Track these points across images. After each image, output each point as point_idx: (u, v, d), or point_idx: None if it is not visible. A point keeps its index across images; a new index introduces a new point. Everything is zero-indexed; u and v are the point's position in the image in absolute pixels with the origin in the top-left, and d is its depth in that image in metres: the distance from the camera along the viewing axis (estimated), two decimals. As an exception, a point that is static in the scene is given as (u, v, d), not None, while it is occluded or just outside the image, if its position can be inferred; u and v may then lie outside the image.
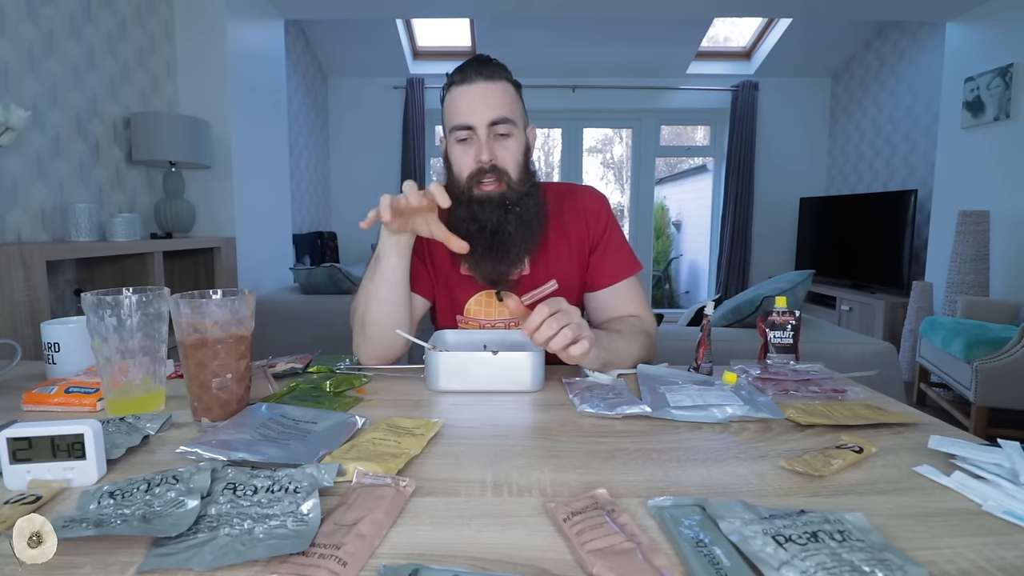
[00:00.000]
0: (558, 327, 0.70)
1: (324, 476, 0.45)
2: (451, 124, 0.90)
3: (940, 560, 0.37)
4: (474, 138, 0.88)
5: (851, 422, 0.61)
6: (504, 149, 0.89)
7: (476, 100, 0.88)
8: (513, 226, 0.89)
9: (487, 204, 0.88)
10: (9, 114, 1.46)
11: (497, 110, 0.88)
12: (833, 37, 4.15)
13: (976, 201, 3.03)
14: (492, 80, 0.88)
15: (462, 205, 0.89)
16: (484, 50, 4.31)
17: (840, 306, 3.79)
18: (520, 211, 0.90)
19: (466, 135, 0.89)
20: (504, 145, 0.89)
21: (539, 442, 0.58)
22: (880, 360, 1.62)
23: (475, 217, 0.89)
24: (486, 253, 0.89)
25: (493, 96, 0.88)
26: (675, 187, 6.99)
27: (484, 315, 0.98)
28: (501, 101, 0.88)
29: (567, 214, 1.00)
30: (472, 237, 0.87)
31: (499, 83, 0.89)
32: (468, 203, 0.89)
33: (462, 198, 0.90)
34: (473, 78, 0.88)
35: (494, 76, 0.89)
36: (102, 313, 0.62)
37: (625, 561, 0.35)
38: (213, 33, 2.55)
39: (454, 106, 0.89)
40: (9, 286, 1.35)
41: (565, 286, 0.97)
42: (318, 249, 3.98)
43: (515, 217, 0.89)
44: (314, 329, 2.34)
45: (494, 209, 0.88)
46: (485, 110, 0.87)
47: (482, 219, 0.88)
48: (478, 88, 0.88)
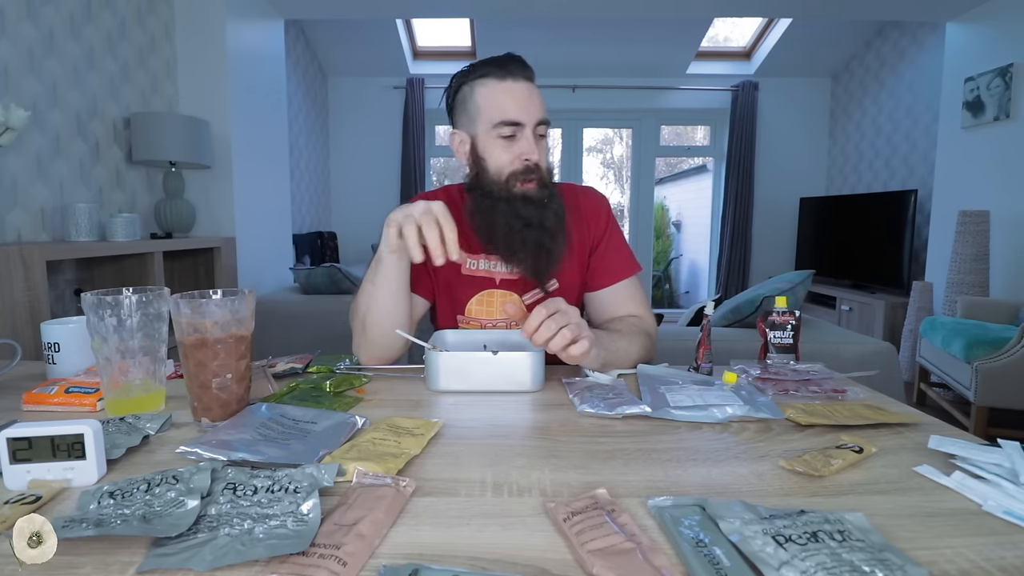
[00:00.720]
0: (557, 327, 0.70)
1: (324, 476, 0.45)
2: (497, 119, 0.88)
3: (940, 560, 0.37)
4: (520, 136, 0.89)
5: (851, 422, 0.61)
6: (543, 149, 0.91)
7: (524, 98, 0.88)
8: (552, 222, 0.90)
9: (531, 202, 0.89)
10: (9, 114, 1.46)
11: (541, 110, 0.90)
12: (833, 37, 4.15)
13: (976, 201, 3.03)
14: (533, 81, 0.91)
15: (502, 203, 0.89)
16: (484, 50, 4.32)
17: (840, 306, 3.79)
18: (556, 207, 0.92)
19: (512, 131, 0.88)
20: (542, 146, 0.91)
21: (539, 442, 0.58)
22: (880, 360, 1.62)
23: (519, 214, 0.89)
24: (536, 249, 0.89)
25: (537, 96, 0.90)
26: (675, 187, 7.00)
27: (486, 315, 0.98)
28: (542, 102, 0.90)
29: (568, 215, 0.99)
30: (516, 234, 0.88)
31: (534, 85, 0.91)
32: (509, 200, 0.89)
33: (500, 195, 0.90)
34: (519, 76, 0.89)
35: (532, 77, 0.91)
36: (102, 313, 0.62)
37: (625, 561, 0.35)
38: (213, 33, 2.55)
39: (498, 101, 0.88)
40: (9, 286, 1.35)
41: (565, 286, 0.97)
42: (318, 249, 3.98)
43: (553, 213, 0.91)
44: (314, 329, 2.34)
45: (538, 207, 0.89)
46: (534, 110, 0.88)
47: (527, 216, 0.89)
48: (525, 87, 0.89)
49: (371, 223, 4.70)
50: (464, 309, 0.99)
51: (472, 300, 0.98)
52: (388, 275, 0.86)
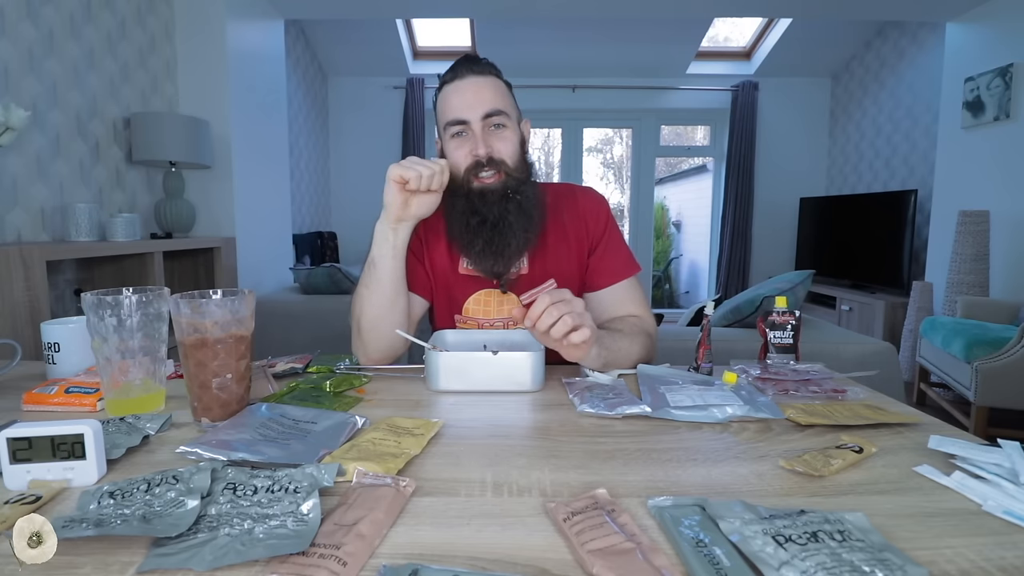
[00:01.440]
0: (559, 315, 0.70)
1: (324, 476, 0.45)
2: (444, 121, 0.90)
3: (940, 560, 0.37)
4: (468, 132, 0.89)
5: (851, 422, 0.61)
6: (500, 140, 0.90)
7: (468, 95, 0.88)
8: (514, 216, 0.89)
9: (487, 196, 0.89)
10: (9, 114, 1.46)
11: (490, 103, 0.88)
12: (833, 37, 4.15)
13: (976, 201, 3.03)
14: (482, 75, 0.90)
15: (461, 199, 0.90)
16: (484, 50, 4.32)
17: (840, 306, 3.79)
18: (521, 200, 0.90)
19: (460, 129, 0.89)
20: (500, 136, 0.90)
21: (539, 442, 0.58)
22: (880, 360, 1.62)
23: (475, 210, 0.89)
24: (487, 246, 0.89)
25: (485, 89, 0.89)
26: (675, 187, 6.99)
27: (483, 314, 0.97)
28: (493, 95, 0.89)
29: (566, 214, 0.99)
30: (473, 231, 0.88)
31: (489, 78, 0.91)
32: (467, 196, 0.90)
33: (460, 192, 0.90)
34: (464, 74, 0.89)
35: (484, 72, 0.90)
36: (102, 313, 0.62)
37: (625, 561, 0.35)
38: (213, 33, 2.55)
39: (447, 103, 0.90)
40: (9, 286, 1.35)
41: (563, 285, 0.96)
42: (318, 249, 3.98)
43: (516, 207, 0.89)
44: (314, 329, 2.34)
45: (495, 201, 0.88)
46: (478, 104, 0.88)
47: (483, 212, 0.88)
48: (469, 83, 0.89)
49: (371, 223, 4.62)
50: (462, 308, 0.98)
51: (470, 299, 0.98)
52: (381, 277, 0.87)
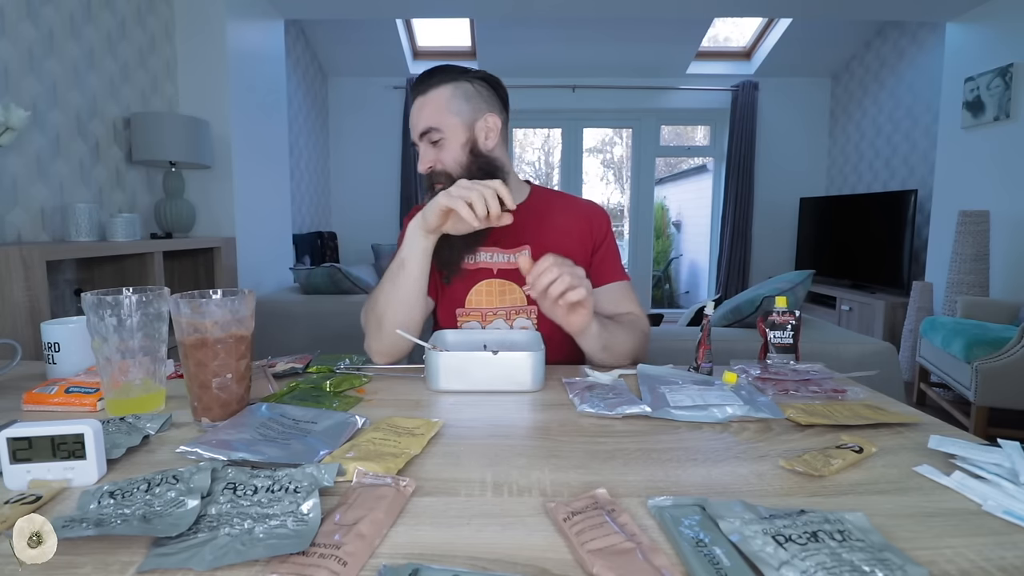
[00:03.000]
0: (558, 272, 0.75)
1: (324, 476, 0.45)
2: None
3: (940, 560, 0.37)
4: (419, 149, 0.98)
5: (851, 422, 0.61)
6: (440, 151, 0.96)
7: (413, 116, 0.97)
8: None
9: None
10: (9, 114, 1.46)
11: (425, 121, 0.95)
12: (833, 37, 4.15)
13: (976, 201, 3.03)
14: (424, 94, 0.96)
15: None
16: (484, 50, 4.32)
17: (840, 306, 3.79)
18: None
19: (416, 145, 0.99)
20: (440, 148, 0.96)
21: (539, 442, 0.58)
22: (880, 360, 1.62)
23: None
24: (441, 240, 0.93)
25: (424, 109, 0.96)
26: (675, 187, 7.00)
27: (485, 303, 1.00)
28: (430, 111, 0.95)
29: (569, 213, 1.05)
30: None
31: (430, 93, 0.96)
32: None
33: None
34: (413, 97, 0.97)
35: (427, 88, 0.96)
36: (102, 313, 0.62)
37: (625, 561, 0.35)
38: (213, 33, 2.55)
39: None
40: (9, 286, 1.35)
41: None
42: (318, 249, 3.98)
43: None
44: (314, 329, 2.34)
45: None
46: (417, 124, 0.96)
47: None
48: (416, 105, 0.97)
49: (371, 223, 4.70)
50: (464, 301, 1.01)
51: (471, 291, 1.01)
52: (413, 274, 0.90)
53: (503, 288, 1.00)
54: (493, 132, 0.99)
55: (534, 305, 0.99)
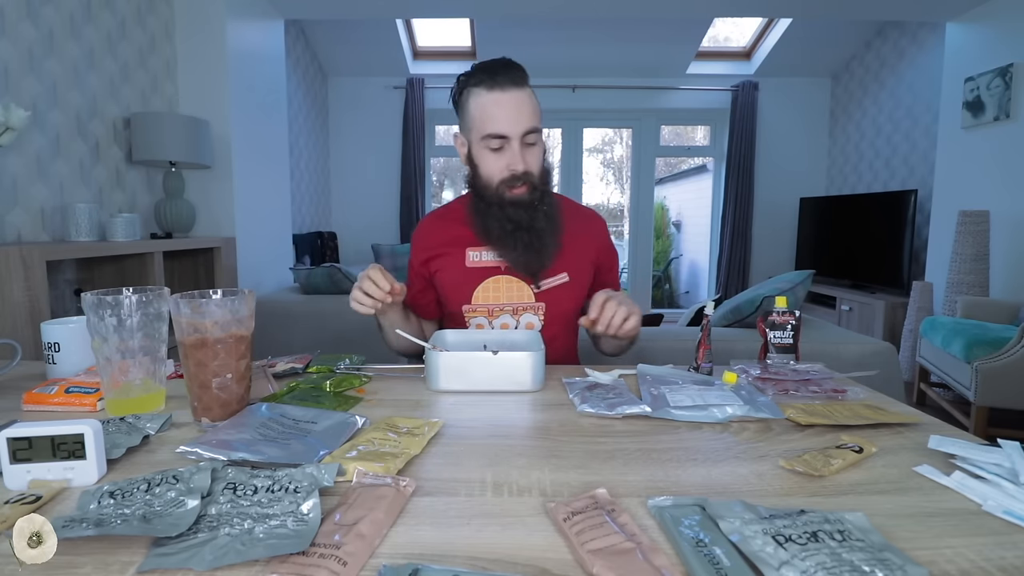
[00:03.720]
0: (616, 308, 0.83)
1: (324, 476, 0.45)
2: (485, 131, 0.92)
3: (940, 560, 0.37)
4: (507, 147, 0.92)
5: (851, 422, 0.61)
6: (532, 156, 0.95)
7: (511, 110, 0.91)
8: (543, 222, 0.96)
9: (519, 207, 0.95)
10: (9, 114, 1.46)
11: (530, 120, 0.92)
12: (833, 37, 4.15)
13: (976, 201, 3.03)
14: (522, 88, 0.92)
15: (494, 207, 0.96)
16: (484, 50, 4.32)
17: (840, 306, 3.79)
18: (547, 208, 0.97)
19: (500, 144, 0.92)
20: (532, 152, 0.95)
21: (539, 442, 0.58)
22: (880, 360, 1.62)
23: (510, 218, 0.96)
24: (526, 249, 0.96)
25: (526, 105, 0.92)
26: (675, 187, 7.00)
27: (492, 299, 1.01)
28: (532, 111, 0.93)
29: (583, 224, 1.08)
30: (508, 236, 0.95)
31: (526, 90, 0.93)
32: (500, 206, 0.96)
33: (492, 200, 0.96)
34: (507, 86, 0.91)
35: (523, 84, 0.93)
36: (102, 313, 0.62)
37: (625, 561, 0.35)
38: (213, 33, 2.55)
39: (487, 113, 0.92)
40: (9, 286, 1.35)
41: (575, 282, 1.03)
42: (318, 249, 3.98)
43: (543, 215, 0.96)
44: (314, 329, 2.33)
45: (526, 210, 0.95)
46: (522, 120, 0.91)
47: (516, 219, 0.95)
48: (512, 97, 0.91)
49: (371, 223, 4.70)
50: (471, 298, 1.02)
51: (478, 289, 1.01)
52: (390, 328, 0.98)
53: (511, 284, 1.01)
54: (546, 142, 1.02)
55: (542, 302, 1.00)
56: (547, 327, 1.01)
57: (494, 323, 1.01)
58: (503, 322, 1.01)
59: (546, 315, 1.01)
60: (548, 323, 1.01)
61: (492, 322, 1.01)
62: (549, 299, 1.00)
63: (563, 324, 1.03)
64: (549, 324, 1.01)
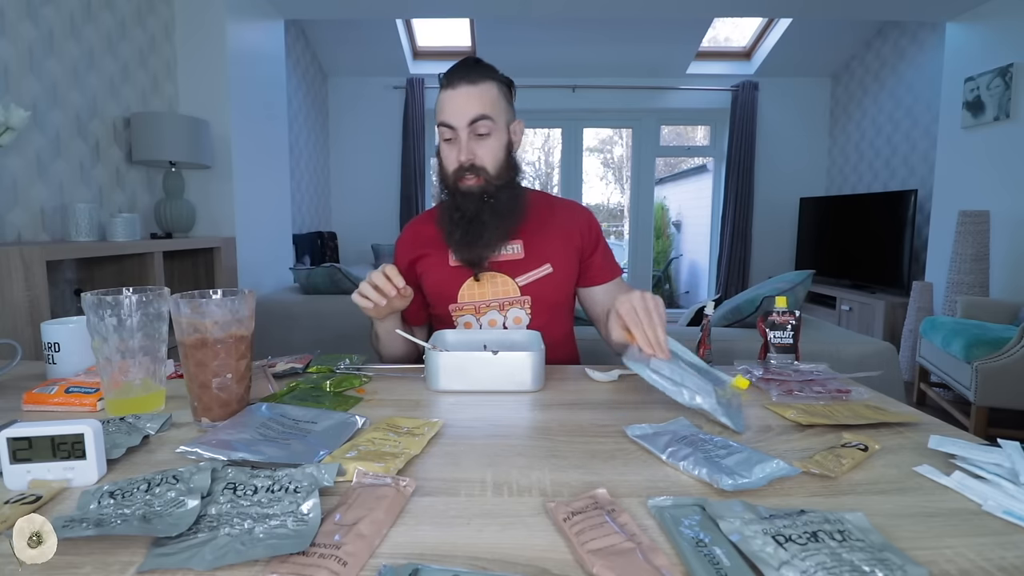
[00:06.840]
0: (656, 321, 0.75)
1: (324, 476, 0.45)
2: (439, 122, 0.98)
3: (940, 560, 0.37)
4: (456, 138, 0.95)
5: (852, 422, 0.61)
6: (483, 147, 0.96)
7: (458, 102, 0.95)
8: (488, 216, 0.97)
9: (468, 197, 0.97)
10: (9, 114, 1.46)
11: (477, 109, 0.94)
12: (833, 37, 4.15)
13: (976, 201, 3.03)
14: (475, 83, 0.94)
15: (448, 196, 1.00)
16: (484, 50, 4.32)
17: (840, 306, 3.79)
18: (495, 203, 0.97)
19: (450, 135, 0.96)
20: (483, 143, 0.96)
21: (539, 442, 0.58)
22: (880, 360, 1.62)
23: (457, 207, 0.98)
24: (464, 238, 0.97)
25: (474, 98, 0.94)
26: (675, 187, 7.00)
27: (478, 296, 1.02)
28: (482, 102, 0.94)
29: (563, 214, 1.08)
30: (454, 224, 0.97)
31: (481, 85, 0.95)
32: (452, 195, 0.99)
33: (451, 191, 0.99)
34: (457, 83, 0.95)
35: (477, 79, 0.95)
36: (102, 313, 0.62)
37: (625, 561, 0.35)
38: (213, 33, 2.55)
39: (441, 106, 0.97)
40: (9, 286, 1.35)
41: (559, 272, 1.03)
42: (318, 249, 3.98)
43: (490, 208, 0.97)
44: (314, 329, 2.33)
45: (473, 201, 0.97)
46: (466, 111, 0.94)
47: (463, 209, 0.97)
48: (461, 92, 0.95)
49: (371, 223, 4.70)
50: (456, 296, 1.02)
51: (463, 287, 1.02)
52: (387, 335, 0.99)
53: (494, 279, 1.01)
54: (518, 137, 1.02)
55: (527, 296, 1.01)
56: (535, 319, 1.01)
57: (481, 320, 1.01)
58: (491, 318, 1.01)
59: (532, 308, 1.01)
60: (535, 315, 1.01)
61: (480, 319, 1.01)
62: (534, 292, 1.01)
63: (551, 315, 1.03)
64: (536, 316, 1.01)
